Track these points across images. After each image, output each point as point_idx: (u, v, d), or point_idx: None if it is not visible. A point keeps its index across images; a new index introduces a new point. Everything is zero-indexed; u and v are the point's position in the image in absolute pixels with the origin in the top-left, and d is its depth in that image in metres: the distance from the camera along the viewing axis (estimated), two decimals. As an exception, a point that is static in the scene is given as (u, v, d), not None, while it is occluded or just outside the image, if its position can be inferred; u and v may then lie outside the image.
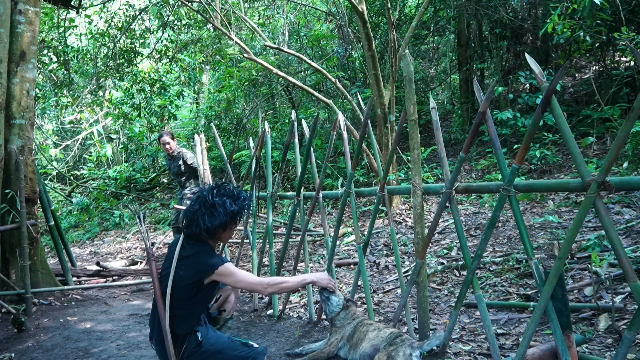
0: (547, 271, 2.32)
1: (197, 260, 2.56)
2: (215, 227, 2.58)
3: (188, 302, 2.56)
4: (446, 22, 10.30)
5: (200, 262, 2.55)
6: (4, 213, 4.65)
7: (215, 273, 2.51)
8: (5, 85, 4.61)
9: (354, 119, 9.11)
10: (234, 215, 2.62)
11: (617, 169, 5.68)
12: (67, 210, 11.36)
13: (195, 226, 2.58)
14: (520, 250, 4.39)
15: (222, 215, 2.57)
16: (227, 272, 2.53)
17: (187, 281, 2.53)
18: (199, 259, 2.56)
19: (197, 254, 2.58)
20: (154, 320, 2.64)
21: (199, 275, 2.53)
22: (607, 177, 2.08)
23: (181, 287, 2.54)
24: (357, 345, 2.79)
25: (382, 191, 3.26)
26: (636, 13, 7.05)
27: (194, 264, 2.56)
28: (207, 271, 2.52)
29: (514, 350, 2.80)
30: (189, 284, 2.53)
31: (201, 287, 2.56)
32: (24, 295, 4.44)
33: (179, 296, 2.55)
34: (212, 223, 2.56)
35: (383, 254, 5.35)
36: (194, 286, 2.54)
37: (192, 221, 2.59)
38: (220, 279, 2.54)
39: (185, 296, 2.55)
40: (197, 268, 2.54)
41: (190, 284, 2.53)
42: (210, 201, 2.58)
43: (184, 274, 2.54)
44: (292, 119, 4.01)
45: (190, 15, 9.68)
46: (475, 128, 2.62)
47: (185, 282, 2.53)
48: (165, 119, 11.48)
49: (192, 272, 2.53)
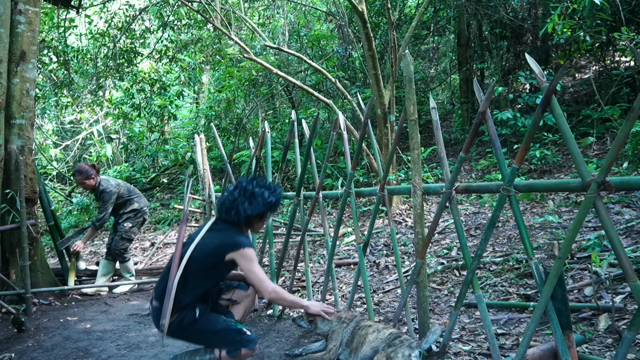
0: (547, 271, 2.32)
1: (227, 234, 2.66)
2: (254, 215, 2.71)
3: (201, 272, 2.61)
4: (446, 22, 10.30)
5: (228, 236, 2.65)
6: (4, 213, 4.65)
7: (239, 252, 2.59)
8: (5, 85, 4.61)
9: (354, 119, 9.11)
10: (271, 206, 2.77)
11: (617, 169, 5.68)
12: (67, 210, 11.35)
13: (235, 213, 2.69)
14: (520, 250, 4.39)
15: (261, 205, 2.71)
16: (249, 256, 2.60)
17: (209, 251, 2.61)
18: (229, 233, 2.67)
19: (228, 230, 2.69)
20: (161, 282, 2.68)
21: (222, 248, 2.60)
22: (607, 177, 2.08)
23: (202, 254, 2.60)
24: (357, 349, 2.77)
25: (382, 191, 3.26)
26: (636, 13, 7.05)
27: (222, 236, 2.66)
28: (233, 247, 2.60)
29: (514, 350, 2.80)
30: (210, 255, 2.60)
31: (219, 263, 2.62)
32: (24, 295, 4.44)
33: (195, 264, 2.60)
34: (252, 211, 2.69)
35: (383, 254, 5.35)
36: (213, 258, 2.60)
37: (232, 209, 2.70)
38: (240, 260, 2.60)
39: (201, 265, 2.60)
40: (224, 241, 2.63)
41: (211, 255, 2.60)
42: (250, 190, 2.72)
43: (210, 242, 2.63)
44: (292, 119, 4.00)
45: (190, 15, 9.68)
46: (475, 128, 2.62)
47: (208, 251, 2.61)
48: (165, 119, 11.48)
49: (218, 243, 2.62)
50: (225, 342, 2.65)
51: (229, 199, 2.73)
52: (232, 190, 2.77)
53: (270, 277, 4.35)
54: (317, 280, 4.87)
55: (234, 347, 2.64)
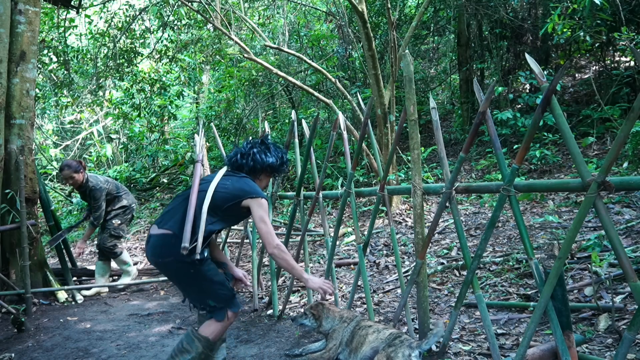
0: (547, 271, 2.32)
1: (246, 181, 2.74)
2: (267, 165, 2.84)
3: (218, 209, 2.62)
4: (446, 22, 10.30)
5: (248, 183, 2.72)
6: (4, 213, 4.65)
7: (257, 200, 2.64)
8: (5, 85, 4.61)
9: (354, 119, 9.11)
10: (282, 163, 2.92)
11: (617, 169, 5.67)
12: (67, 210, 11.35)
13: (250, 159, 2.82)
14: (520, 250, 4.39)
15: (275, 157, 2.88)
16: (263, 206, 2.65)
17: (229, 192, 2.65)
18: (247, 181, 2.75)
19: (245, 178, 2.78)
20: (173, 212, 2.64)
21: (242, 192, 2.66)
22: (607, 177, 2.08)
23: (221, 194, 2.64)
24: (357, 349, 2.77)
25: (382, 191, 3.26)
26: (636, 13, 7.05)
27: (242, 182, 2.72)
28: (252, 194, 2.66)
29: (514, 350, 2.80)
30: (229, 197, 2.64)
31: (235, 206, 2.66)
32: (24, 295, 4.44)
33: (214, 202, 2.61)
34: (267, 160, 2.84)
35: (383, 254, 5.35)
36: (232, 200, 2.64)
37: (248, 155, 2.83)
38: (256, 208, 2.63)
39: (218, 205, 2.62)
40: (244, 186, 2.69)
41: (230, 197, 2.64)
42: (266, 143, 2.91)
43: (230, 185, 2.69)
44: (292, 119, 4.01)
45: (190, 15, 9.67)
46: (475, 128, 2.62)
47: (228, 192, 2.65)
48: (165, 119, 11.48)
49: (239, 187, 2.68)
50: (217, 296, 2.64)
51: (245, 147, 2.87)
52: (247, 143, 2.90)
53: (270, 277, 4.35)
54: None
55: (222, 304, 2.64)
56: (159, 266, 2.64)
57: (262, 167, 2.84)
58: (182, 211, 2.60)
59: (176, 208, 2.66)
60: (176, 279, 2.69)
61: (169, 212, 2.68)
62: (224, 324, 2.70)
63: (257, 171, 2.84)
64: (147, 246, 2.64)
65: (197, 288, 2.63)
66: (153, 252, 2.60)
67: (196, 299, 2.69)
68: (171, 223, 2.59)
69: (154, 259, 2.61)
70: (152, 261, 2.64)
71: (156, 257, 2.59)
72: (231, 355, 3.26)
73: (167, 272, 2.67)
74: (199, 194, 2.63)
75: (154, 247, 2.60)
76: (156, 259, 2.60)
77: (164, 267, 2.62)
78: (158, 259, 2.59)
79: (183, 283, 2.67)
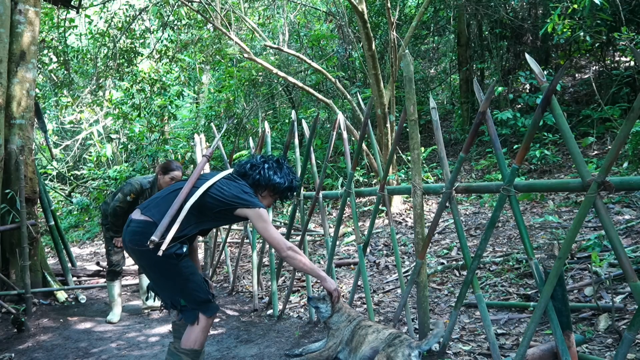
0: (547, 271, 2.32)
1: (245, 189, 2.59)
2: (272, 183, 2.69)
3: (208, 211, 2.52)
4: (446, 22, 10.30)
5: (245, 193, 2.57)
6: (4, 213, 4.65)
7: (255, 211, 2.51)
8: (5, 85, 4.61)
9: (354, 119, 9.11)
10: (289, 187, 2.76)
11: (617, 169, 5.68)
12: (67, 210, 11.36)
13: (258, 172, 2.68)
14: (520, 250, 4.39)
15: (283, 180, 2.72)
16: (265, 217, 2.53)
17: (224, 196, 2.51)
18: (246, 190, 2.60)
19: (245, 186, 2.62)
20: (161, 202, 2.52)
21: (238, 201, 2.52)
22: (607, 177, 2.08)
23: (215, 196, 2.51)
24: (356, 348, 2.77)
25: (382, 191, 3.26)
26: (636, 13, 7.05)
27: (239, 189, 2.57)
28: (249, 205, 2.52)
29: (514, 350, 2.80)
30: (223, 200, 2.51)
31: (228, 212, 2.54)
32: (24, 295, 4.45)
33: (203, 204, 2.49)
34: (273, 178, 2.69)
35: (383, 254, 5.35)
36: (225, 205, 2.51)
37: (258, 167, 2.70)
38: (255, 220, 2.52)
39: (209, 206, 2.50)
40: (241, 195, 2.54)
41: (224, 202, 2.51)
42: (281, 163, 2.78)
43: (227, 189, 2.55)
44: (292, 119, 4.01)
45: (190, 15, 9.68)
46: (475, 128, 2.62)
47: (223, 196, 2.51)
48: (165, 119, 11.47)
49: (234, 194, 2.53)
50: (189, 296, 2.50)
51: (259, 160, 2.75)
52: (262, 157, 2.78)
53: (270, 277, 4.35)
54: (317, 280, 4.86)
55: (194, 305, 2.51)
56: (135, 254, 2.47)
57: (266, 183, 2.69)
58: (169, 202, 2.49)
59: (165, 198, 2.55)
60: (150, 270, 2.52)
61: (156, 200, 2.58)
62: (203, 329, 2.55)
63: (261, 187, 2.70)
64: (126, 230, 2.49)
65: (171, 283, 2.50)
66: (131, 239, 2.45)
67: (167, 295, 2.56)
68: (155, 211, 2.47)
69: (130, 246, 2.46)
70: (127, 248, 2.50)
71: (132, 244, 2.44)
72: (231, 355, 3.26)
73: (141, 261, 2.51)
74: (191, 190, 2.52)
75: (133, 233, 2.45)
76: (132, 246, 2.44)
77: (139, 255, 2.45)
78: (135, 246, 2.43)
79: (156, 276, 2.52)
